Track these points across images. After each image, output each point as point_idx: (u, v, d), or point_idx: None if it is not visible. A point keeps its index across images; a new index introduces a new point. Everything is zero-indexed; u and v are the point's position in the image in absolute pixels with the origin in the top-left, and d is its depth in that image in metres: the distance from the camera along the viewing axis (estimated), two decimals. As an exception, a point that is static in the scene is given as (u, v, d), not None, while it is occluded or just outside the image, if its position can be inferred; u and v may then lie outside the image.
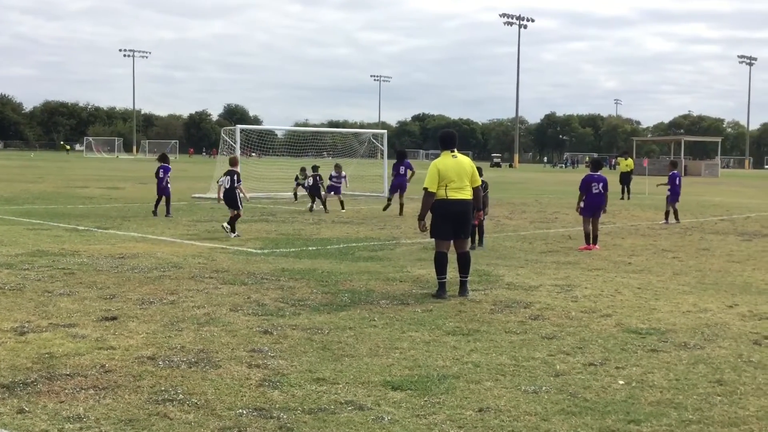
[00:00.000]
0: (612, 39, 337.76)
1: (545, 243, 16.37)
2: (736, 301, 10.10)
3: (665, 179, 22.64)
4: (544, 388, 6.20)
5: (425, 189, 10.06)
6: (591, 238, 15.24)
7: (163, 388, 5.96)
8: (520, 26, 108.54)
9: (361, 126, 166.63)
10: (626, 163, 36.12)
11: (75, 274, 11.01)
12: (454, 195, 9.93)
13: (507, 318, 8.81)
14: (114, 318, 8.33)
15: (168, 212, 20.86)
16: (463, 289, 10.10)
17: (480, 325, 8.43)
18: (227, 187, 16.81)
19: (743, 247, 16.37)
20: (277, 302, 9.36)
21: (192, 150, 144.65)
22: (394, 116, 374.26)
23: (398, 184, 23.58)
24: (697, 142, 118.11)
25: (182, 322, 8.22)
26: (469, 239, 10.40)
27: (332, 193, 25.06)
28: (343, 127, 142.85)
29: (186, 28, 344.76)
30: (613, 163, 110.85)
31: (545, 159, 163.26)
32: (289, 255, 13.70)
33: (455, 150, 10.21)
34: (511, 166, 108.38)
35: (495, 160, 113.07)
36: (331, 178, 25.30)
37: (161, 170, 21.50)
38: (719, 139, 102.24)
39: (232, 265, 12.27)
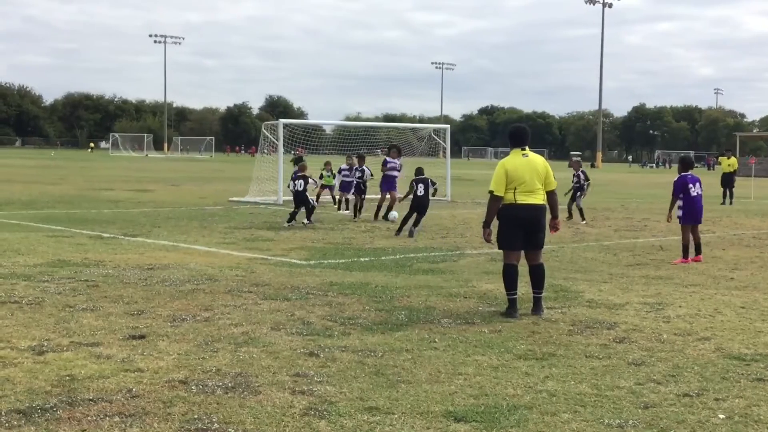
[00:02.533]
0: (706, 19, 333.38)
1: (632, 254, 16.19)
2: None
3: None
4: (630, 421, 6.13)
5: (491, 192, 10.04)
6: (688, 251, 15.13)
7: (196, 416, 6.02)
8: (604, 5, 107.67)
9: (420, 120, 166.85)
10: (729, 163, 35.57)
11: (99, 287, 11.21)
12: (523, 199, 9.89)
13: (588, 340, 8.73)
14: (142, 336, 8.46)
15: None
16: (536, 306, 10.05)
17: (556, 348, 8.37)
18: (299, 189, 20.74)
19: None
20: (324, 320, 9.41)
21: (238, 148, 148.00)
22: (455, 109, 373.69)
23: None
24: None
25: (218, 341, 8.31)
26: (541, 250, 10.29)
27: (342, 192, 25.45)
28: (400, 121, 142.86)
29: (215, 10, 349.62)
30: (712, 162, 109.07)
31: (630, 158, 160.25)
32: (339, 267, 13.76)
33: (527, 148, 10.17)
34: (593, 165, 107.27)
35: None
36: (340, 171, 25.47)
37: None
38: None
39: (273, 277, 12.37)
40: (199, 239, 17.37)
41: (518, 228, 9.94)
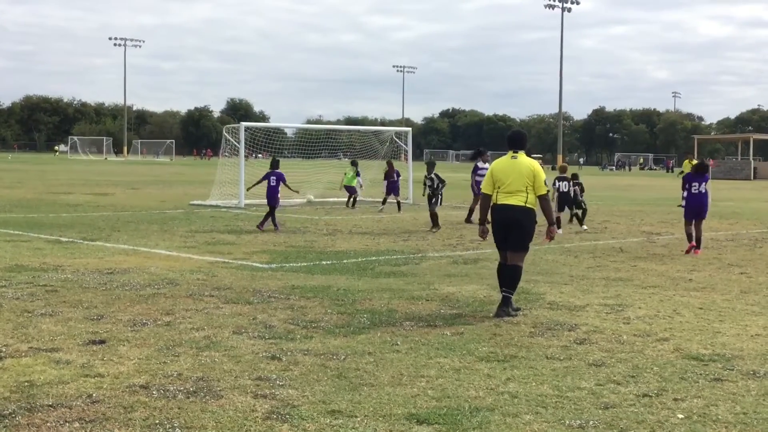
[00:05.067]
0: (659, 23, 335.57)
1: (593, 256, 16.32)
2: (814, 324, 10.01)
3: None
4: (591, 422, 6.18)
5: (481, 190, 10.52)
6: (691, 237, 16.80)
7: (157, 421, 5.99)
8: (563, 9, 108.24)
9: (382, 123, 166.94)
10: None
11: (58, 292, 11.10)
12: (502, 200, 10.21)
13: (549, 342, 8.79)
14: (102, 341, 8.39)
15: (275, 225, 20.72)
16: (501, 305, 10.12)
17: (518, 350, 8.42)
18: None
19: (822, 261, 16.24)
20: (286, 324, 9.39)
21: (195, 151, 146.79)
22: (417, 111, 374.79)
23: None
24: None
25: (179, 346, 8.27)
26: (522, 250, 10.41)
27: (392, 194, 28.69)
28: (362, 124, 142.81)
29: (167, 12, 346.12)
30: (671, 165, 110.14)
31: (581, 160, 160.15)
32: (300, 270, 13.74)
33: (519, 151, 10.36)
34: (553, 168, 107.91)
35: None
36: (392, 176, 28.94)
37: (273, 178, 21.28)
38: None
39: (235, 281, 12.33)
40: (160, 243, 17.26)
41: (496, 227, 10.31)
